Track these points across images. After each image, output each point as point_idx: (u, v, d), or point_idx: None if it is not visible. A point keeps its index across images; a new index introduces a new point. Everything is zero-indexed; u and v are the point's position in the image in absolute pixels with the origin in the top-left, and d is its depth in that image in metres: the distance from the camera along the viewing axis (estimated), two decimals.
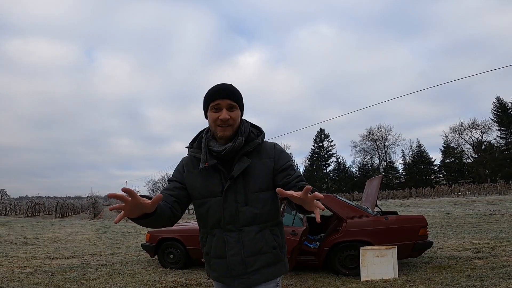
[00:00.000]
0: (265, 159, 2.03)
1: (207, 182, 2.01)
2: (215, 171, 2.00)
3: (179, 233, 7.92)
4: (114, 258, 9.25)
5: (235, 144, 1.97)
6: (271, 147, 2.08)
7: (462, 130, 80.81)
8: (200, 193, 2.03)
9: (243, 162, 1.97)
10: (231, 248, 1.96)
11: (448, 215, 19.65)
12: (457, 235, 11.31)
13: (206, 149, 2.02)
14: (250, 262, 1.95)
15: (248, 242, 1.95)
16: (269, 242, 1.99)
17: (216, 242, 2.01)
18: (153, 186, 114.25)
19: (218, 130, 1.98)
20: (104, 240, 13.96)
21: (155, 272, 7.39)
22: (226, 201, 1.96)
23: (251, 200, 1.96)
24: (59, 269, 7.72)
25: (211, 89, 2.01)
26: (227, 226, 1.97)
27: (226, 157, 1.99)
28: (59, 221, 28.38)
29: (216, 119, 1.97)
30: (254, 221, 1.97)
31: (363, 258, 6.35)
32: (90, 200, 38.00)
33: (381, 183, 8.02)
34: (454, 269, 6.61)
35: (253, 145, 2.02)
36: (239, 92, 2.03)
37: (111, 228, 19.83)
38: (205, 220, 2.05)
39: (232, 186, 1.96)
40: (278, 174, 2.01)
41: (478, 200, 38.60)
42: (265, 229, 1.99)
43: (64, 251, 10.68)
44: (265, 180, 2.00)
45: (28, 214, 40.77)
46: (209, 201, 2.01)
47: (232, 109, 1.98)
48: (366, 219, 6.89)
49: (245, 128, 2.05)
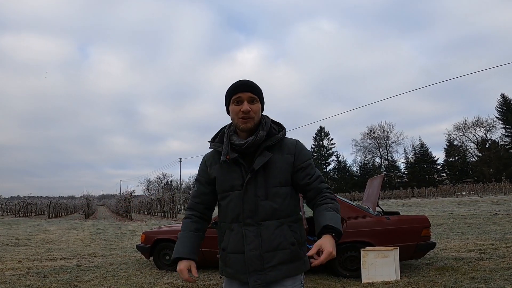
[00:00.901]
0: (286, 155, 2.07)
1: (228, 175, 2.08)
2: (236, 165, 2.06)
3: (175, 233, 7.89)
4: (108, 260, 9.23)
5: (256, 138, 2.03)
6: (292, 143, 2.13)
7: (466, 128, 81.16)
8: (221, 187, 2.11)
9: (265, 156, 2.03)
10: (250, 242, 2.00)
11: (451, 215, 19.69)
12: (460, 236, 11.32)
13: (228, 142, 2.09)
14: (268, 258, 1.98)
15: (266, 237, 1.99)
16: (288, 238, 2.01)
17: (235, 236, 2.05)
18: (148, 186, 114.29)
19: (240, 122, 2.05)
20: (98, 241, 13.94)
21: (151, 274, 7.37)
22: (246, 194, 2.02)
23: (271, 194, 2.02)
24: (52, 271, 7.71)
25: (232, 84, 2.10)
26: (246, 220, 2.02)
27: (248, 151, 2.05)
28: (51, 222, 28.35)
29: (238, 111, 2.04)
30: (273, 215, 2.01)
31: (364, 260, 6.35)
32: (84, 200, 37.80)
33: (382, 182, 8.01)
34: (457, 271, 6.62)
35: (275, 140, 2.07)
36: (259, 87, 2.13)
37: (105, 229, 19.81)
38: (225, 214, 2.11)
39: (253, 179, 2.02)
40: (297, 172, 2.08)
41: (482, 200, 38.70)
42: (284, 225, 2.03)
43: (57, 252, 10.66)
44: (286, 175, 2.05)
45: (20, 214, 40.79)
46: (230, 195, 2.07)
47: (253, 102, 2.06)
48: (367, 219, 6.89)
49: (266, 123, 2.11)
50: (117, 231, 17.91)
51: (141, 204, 45.37)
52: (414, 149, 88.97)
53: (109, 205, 68.80)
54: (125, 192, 36.15)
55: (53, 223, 25.82)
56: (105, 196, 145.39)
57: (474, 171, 78.14)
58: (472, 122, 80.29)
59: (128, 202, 32.61)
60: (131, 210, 32.29)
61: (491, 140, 77.89)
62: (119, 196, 50.99)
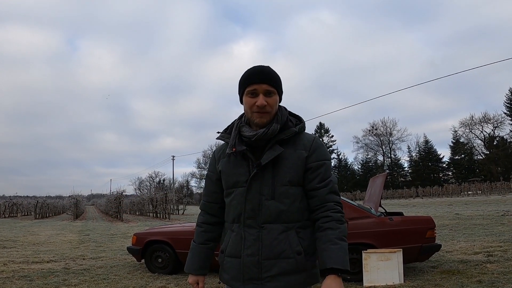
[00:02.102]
0: (300, 150, 1.94)
1: (234, 170, 1.98)
2: (244, 159, 1.96)
3: (168, 235, 7.89)
4: (97, 262, 9.21)
5: (268, 131, 1.90)
6: (309, 139, 1.98)
7: (472, 125, 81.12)
8: (226, 182, 2.02)
9: (275, 150, 1.89)
10: (248, 246, 1.89)
11: (457, 216, 19.76)
12: (467, 237, 11.37)
13: (236, 133, 1.99)
14: (267, 266, 1.86)
15: (268, 242, 1.87)
16: (294, 246, 1.87)
17: (234, 238, 1.96)
18: (140, 185, 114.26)
19: (255, 117, 1.93)
20: (87, 243, 13.93)
21: (142, 277, 7.37)
22: (250, 191, 1.90)
23: (279, 194, 1.89)
24: (39, 274, 7.69)
25: (247, 71, 1.98)
26: (247, 221, 1.91)
27: (258, 144, 1.94)
28: (38, 223, 28.31)
29: (253, 105, 1.92)
30: (279, 218, 1.89)
31: (366, 262, 6.36)
32: (72, 199, 37.84)
33: (385, 181, 8.02)
34: (464, 274, 6.63)
35: (289, 134, 1.94)
36: (278, 76, 1.98)
37: (94, 230, 19.81)
38: (228, 213, 2.03)
39: (259, 175, 1.90)
40: (307, 172, 1.94)
41: (490, 199, 38.83)
42: (291, 230, 1.89)
43: (44, 254, 10.63)
44: (298, 173, 1.92)
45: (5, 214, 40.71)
46: (233, 192, 1.98)
47: (269, 94, 1.92)
48: (369, 220, 6.89)
49: (282, 116, 1.99)
50: (107, 233, 17.90)
51: (132, 204, 45.35)
52: (419, 147, 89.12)
53: (98, 205, 68.71)
54: (116, 192, 36.04)
55: (40, 224, 25.79)
56: (95, 195, 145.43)
57: (481, 169, 78.36)
58: (479, 118, 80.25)
59: (118, 202, 32.53)
60: (121, 210, 32.21)
61: (499, 137, 78.05)
62: (109, 195, 50.86)
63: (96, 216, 40.91)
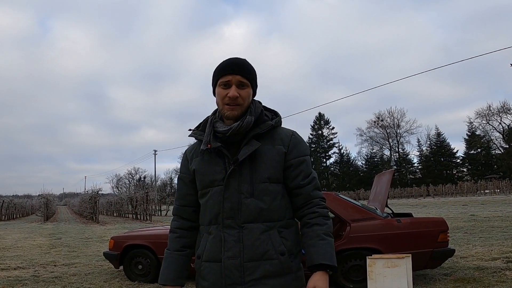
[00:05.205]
0: (278, 146, 2.03)
1: (209, 168, 2.04)
2: (219, 157, 2.03)
3: (149, 239, 7.88)
4: (70, 269, 9.22)
5: (242, 124, 1.98)
6: (287, 134, 2.08)
7: (490, 115, 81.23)
8: (201, 182, 2.07)
9: (252, 145, 1.97)
10: (228, 248, 1.94)
11: (473, 217, 19.86)
12: (484, 241, 11.42)
13: (211, 129, 2.06)
14: (250, 269, 1.91)
15: (250, 243, 1.93)
16: (276, 246, 1.94)
17: (212, 241, 2.00)
18: (118, 183, 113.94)
19: (226, 109, 2.02)
20: (59, 247, 13.93)
21: (120, 286, 7.38)
22: (228, 190, 1.97)
23: (258, 192, 1.96)
24: (5, 282, 7.68)
25: (221, 63, 2.07)
26: (226, 221, 1.97)
27: (233, 139, 2.02)
28: (4, 225, 28.24)
29: (224, 96, 2.00)
30: (259, 217, 1.95)
31: (371, 269, 6.37)
32: (42, 199, 37.74)
33: (392, 179, 8.04)
34: (480, 282, 6.67)
35: (265, 127, 2.03)
36: (252, 69, 2.10)
37: (67, 233, 19.81)
38: (204, 215, 2.08)
39: (237, 172, 1.97)
40: (288, 170, 2.04)
41: (510, 199, 39.04)
42: (273, 229, 1.97)
43: (10, 260, 10.62)
44: (277, 169, 2.01)
45: None
46: (209, 191, 2.03)
47: (242, 86, 2.02)
48: (374, 222, 6.91)
49: (256, 108, 2.08)
50: (81, 236, 17.89)
51: (110, 204, 45.36)
52: (430, 140, 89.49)
53: (71, 206, 68.74)
54: (91, 190, 36.06)
55: (5, 227, 25.72)
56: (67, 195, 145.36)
57: (500, 165, 78.70)
58: (498, 108, 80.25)
59: (94, 201, 32.49)
60: (97, 211, 32.20)
61: None
62: (83, 195, 50.72)
63: (69, 218, 40.85)
